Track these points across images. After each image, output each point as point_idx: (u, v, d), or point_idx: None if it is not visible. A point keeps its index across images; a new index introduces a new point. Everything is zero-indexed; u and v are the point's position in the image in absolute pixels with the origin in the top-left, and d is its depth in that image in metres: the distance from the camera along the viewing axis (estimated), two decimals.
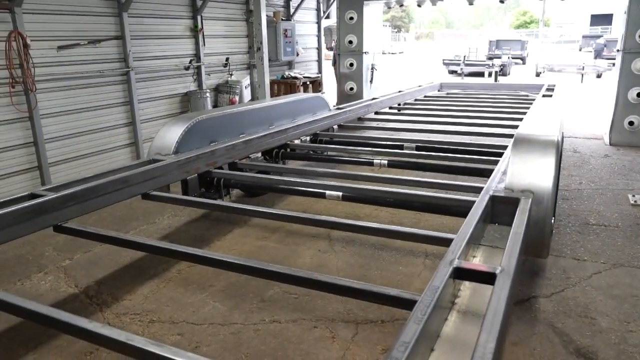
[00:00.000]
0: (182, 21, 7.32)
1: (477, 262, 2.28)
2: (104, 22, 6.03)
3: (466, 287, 1.98)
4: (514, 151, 2.87)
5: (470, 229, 2.22)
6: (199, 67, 7.62)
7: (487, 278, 1.80)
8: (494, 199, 2.66)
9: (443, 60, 23.79)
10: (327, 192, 3.66)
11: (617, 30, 7.33)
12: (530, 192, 2.67)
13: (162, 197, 3.52)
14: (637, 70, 7.07)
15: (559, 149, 2.87)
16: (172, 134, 3.93)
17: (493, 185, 2.86)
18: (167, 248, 2.70)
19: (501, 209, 2.66)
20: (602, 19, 45.10)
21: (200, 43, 7.54)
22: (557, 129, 3.16)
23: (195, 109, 7.18)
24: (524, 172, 2.75)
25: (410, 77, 18.09)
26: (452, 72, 22.71)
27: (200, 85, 7.64)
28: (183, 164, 3.74)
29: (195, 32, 7.49)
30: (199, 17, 7.50)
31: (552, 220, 2.79)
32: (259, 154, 4.75)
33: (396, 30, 61.61)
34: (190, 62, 7.46)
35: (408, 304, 1.95)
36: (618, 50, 7.42)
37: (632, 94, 7.16)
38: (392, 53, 39.19)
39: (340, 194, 3.61)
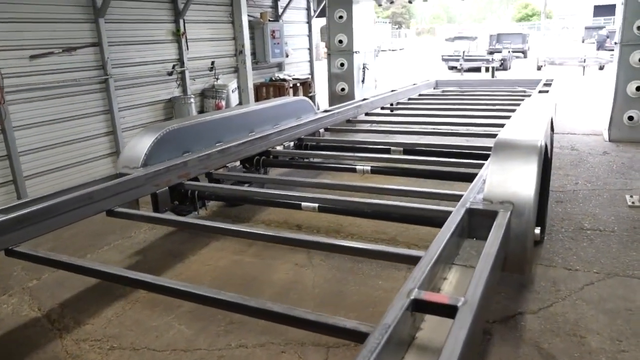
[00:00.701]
0: (164, 25, 7.12)
1: (448, 284, 2.09)
2: (79, 29, 5.84)
3: (431, 317, 1.79)
4: (494, 158, 2.67)
5: (439, 249, 2.02)
6: (182, 72, 7.43)
7: (449, 311, 1.60)
8: (470, 212, 2.46)
9: (442, 56, 23.48)
10: (303, 203, 3.48)
11: (619, 21, 7.08)
12: (510, 204, 2.47)
13: (127, 214, 3.35)
14: (636, 63, 6.82)
15: (542, 154, 2.66)
16: (141, 145, 3.76)
17: (471, 196, 2.65)
18: (123, 275, 2.51)
19: (478, 222, 2.45)
20: (605, 10, 44.45)
21: (184, 47, 7.35)
22: (542, 132, 2.95)
23: (180, 115, 7.00)
24: (504, 182, 2.54)
25: (409, 75, 17.87)
26: (451, 68, 22.41)
27: (184, 90, 7.45)
28: (151, 177, 3.56)
29: (178, 36, 7.29)
30: (181, 21, 7.31)
31: (538, 231, 2.58)
32: (238, 163, 4.56)
33: (397, 26, 61.32)
34: (173, 67, 7.26)
35: (365, 338, 1.75)
36: (616, 43, 7.18)
37: (631, 88, 6.92)
38: (392, 50, 38.92)
39: (316, 205, 3.44)
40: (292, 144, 5.16)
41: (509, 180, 2.54)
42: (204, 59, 7.88)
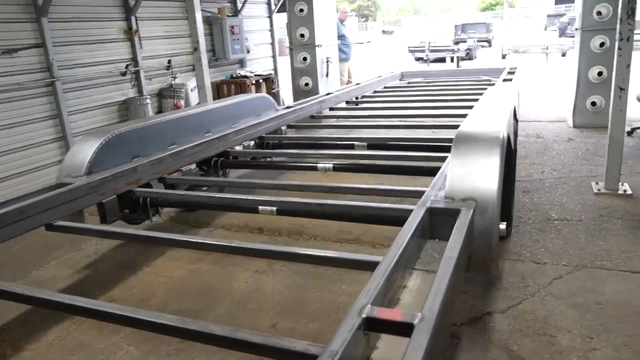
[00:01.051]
0: (114, 23, 6.77)
1: (408, 293, 1.93)
2: (19, 30, 5.46)
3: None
4: (455, 153, 2.52)
5: (397, 255, 1.86)
6: (137, 72, 7.09)
7: (404, 329, 1.44)
8: (431, 212, 2.31)
9: (408, 47, 23.54)
10: (261, 207, 3.29)
11: (579, 7, 7.08)
12: (473, 200, 2.33)
13: (69, 227, 3.09)
14: (597, 49, 6.83)
15: (504, 145, 2.53)
16: (84, 152, 3.49)
17: (432, 193, 2.50)
18: (60, 301, 2.26)
19: (440, 221, 2.31)
20: None
21: (137, 46, 7.01)
22: (504, 123, 2.83)
23: (136, 117, 6.68)
24: (465, 177, 2.40)
25: (379, 68, 17.78)
26: (418, 59, 22.47)
27: (140, 91, 7.13)
28: (96, 185, 3.29)
29: (130, 34, 6.95)
30: (133, 18, 6.97)
31: (503, 227, 2.46)
32: (194, 166, 4.33)
33: (363, 19, 61.26)
34: (126, 67, 6.91)
35: None
36: (576, 29, 7.17)
37: (592, 73, 6.92)
38: (360, 43, 38.83)
39: (274, 208, 3.25)
40: (252, 143, 4.95)
41: (470, 175, 2.40)
42: (160, 57, 7.54)
